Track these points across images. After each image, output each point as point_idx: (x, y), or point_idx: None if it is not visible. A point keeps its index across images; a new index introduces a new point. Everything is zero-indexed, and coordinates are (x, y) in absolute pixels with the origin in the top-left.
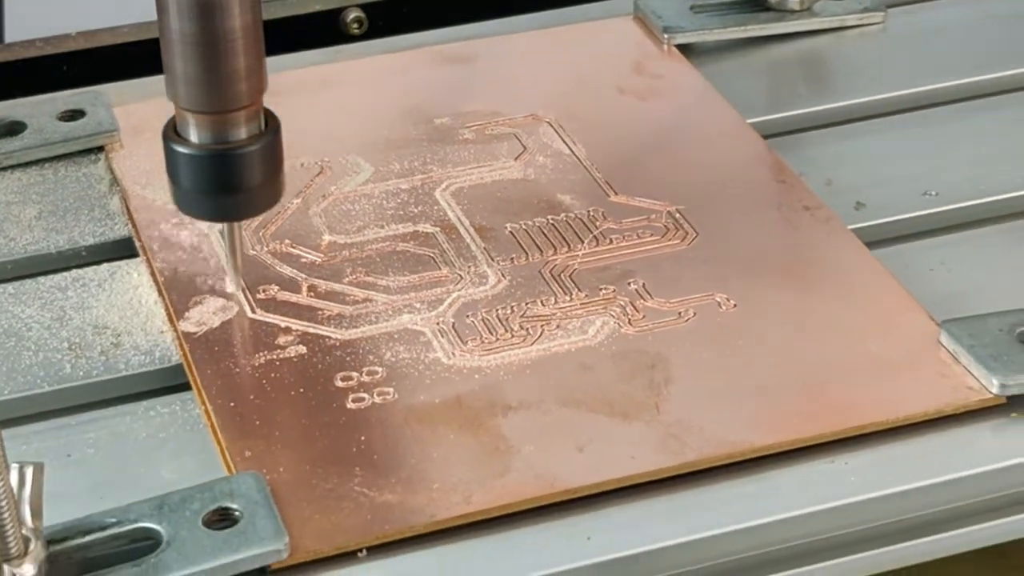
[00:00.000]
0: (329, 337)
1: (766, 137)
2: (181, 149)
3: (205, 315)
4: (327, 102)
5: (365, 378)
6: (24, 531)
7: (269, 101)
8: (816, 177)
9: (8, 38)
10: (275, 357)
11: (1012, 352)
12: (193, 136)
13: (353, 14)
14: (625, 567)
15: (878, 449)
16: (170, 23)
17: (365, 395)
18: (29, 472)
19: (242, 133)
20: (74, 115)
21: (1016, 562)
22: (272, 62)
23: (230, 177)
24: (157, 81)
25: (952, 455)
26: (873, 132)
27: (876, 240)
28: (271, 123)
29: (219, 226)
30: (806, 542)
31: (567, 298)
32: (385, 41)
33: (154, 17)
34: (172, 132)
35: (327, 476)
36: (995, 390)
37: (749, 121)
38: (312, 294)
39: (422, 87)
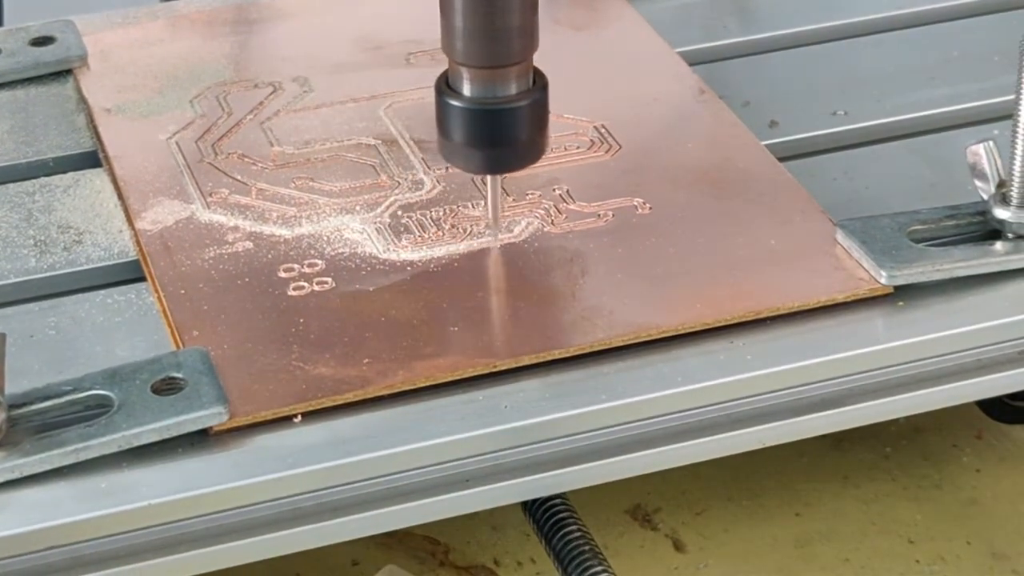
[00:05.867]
0: (274, 234)
1: (692, 65)
2: (453, 102)
3: (160, 215)
4: (286, 30)
5: (306, 269)
6: None
7: (235, 30)
8: (735, 99)
9: None
10: (224, 251)
11: (901, 248)
12: (465, 90)
13: None
14: (538, 432)
15: (774, 332)
16: None
17: (305, 284)
18: None
19: (512, 89)
20: (45, 41)
21: (1017, 566)
22: None
23: (497, 131)
24: (123, 13)
25: (841, 337)
26: (791, 61)
27: (787, 155)
28: (539, 80)
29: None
30: (708, 416)
31: None
32: None
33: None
34: (444, 85)
35: (267, 352)
36: (884, 280)
37: (676, 50)
38: (260, 197)
39: (373, 17)
